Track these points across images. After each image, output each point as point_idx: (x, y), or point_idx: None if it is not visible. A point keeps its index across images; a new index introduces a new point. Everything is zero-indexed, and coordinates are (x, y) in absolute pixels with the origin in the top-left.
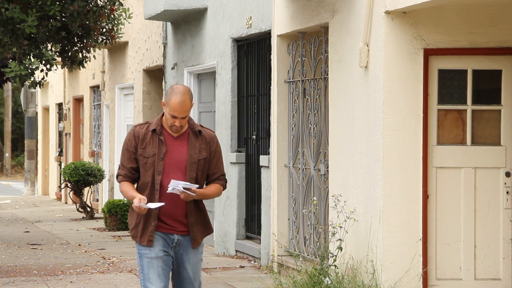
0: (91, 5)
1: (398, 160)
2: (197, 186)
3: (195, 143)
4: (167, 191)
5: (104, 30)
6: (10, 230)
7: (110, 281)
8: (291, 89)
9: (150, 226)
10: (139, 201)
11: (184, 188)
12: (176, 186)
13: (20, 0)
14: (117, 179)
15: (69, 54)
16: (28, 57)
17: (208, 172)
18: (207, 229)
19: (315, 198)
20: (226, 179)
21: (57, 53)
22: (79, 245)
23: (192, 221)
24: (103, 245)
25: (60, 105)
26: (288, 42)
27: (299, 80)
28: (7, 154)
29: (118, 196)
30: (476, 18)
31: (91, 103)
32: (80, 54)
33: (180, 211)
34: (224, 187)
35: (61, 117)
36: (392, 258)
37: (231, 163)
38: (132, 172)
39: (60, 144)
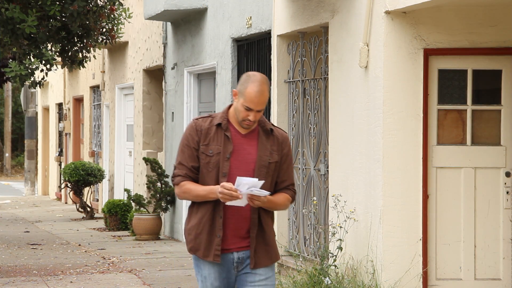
0: (91, 5)
1: (398, 160)
2: (269, 193)
3: (266, 143)
4: (228, 203)
5: (104, 30)
6: (10, 230)
7: (110, 281)
8: (291, 89)
9: (216, 238)
10: (229, 188)
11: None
12: (242, 185)
13: (20, 0)
14: (173, 181)
15: (69, 54)
16: (28, 57)
17: (277, 179)
18: (272, 253)
19: (315, 198)
20: (295, 189)
21: (57, 53)
22: (79, 245)
23: (253, 235)
24: (103, 245)
25: (60, 105)
26: (288, 42)
27: (299, 80)
28: (7, 154)
29: (118, 196)
30: (476, 18)
31: (91, 103)
32: (80, 54)
33: (243, 223)
34: (293, 200)
35: (61, 117)
36: (392, 258)
37: None
38: (194, 172)
39: (60, 144)
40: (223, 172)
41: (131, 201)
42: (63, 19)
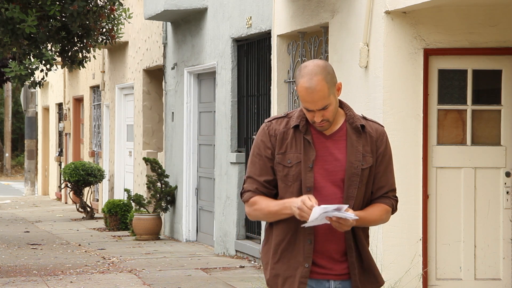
0: (91, 5)
1: (398, 160)
2: (347, 206)
3: (357, 144)
4: (304, 225)
5: (104, 30)
6: (10, 230)
7: (110, 281)
8: (291, 89)
9: (302, 269)
10: (309, 200)
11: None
12: (321, 214)
13: (20, 0)
14: (241, 197)
15: (69, 54)
16: (28, 57)
17: (373, 186)
18: (375, 277)
19: None
20: (396, 197)
21: (57, 53)
22: (79, 245)
23: (353, 260)
24: (103, 245)
25: (60, 105)
26: (288, 42)
27: None
28: (7, 154)
29: (118, 196)
30: (476, 18)
31: (91, 103)
32: (80, 54)
33: (337, 246)
34: (394, 210)
35: (61, 117)
36: (392, 258)
37: (231, 163)
38: (266, 187)
39: (60, 144)
40: (307, 187)
41: (131, 201)
42: (63, 19)
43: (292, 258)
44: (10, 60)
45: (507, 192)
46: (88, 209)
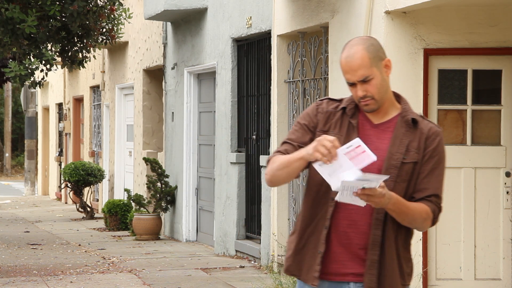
0: (91, 5)
1: None
2: (387, 177)
3: (403, 137)
4: (335, 198)
5: (104, 30)
6: (10, 230)
7: (110, 281)
8: (291, 89)
9: (317, 256)
10: (330, 143)
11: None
12: (348, 187)
13: (20, 0)
14: (269, 161)
15: (69, 54)
16: (28, 57)
17: (414, 187)
18: (402, 279)
19: None
20: (440, 205)
21: (57, 53)
22: (79, 245)
23: (374, 258)
24: (103, 245)
25: (60, 105)
26: (288, 42)
27: (299, 80)
28: (7, 154)
29: (118, 196)
30: (476, 18)
31: (91, 103)
32: (80, 54)
33: (360, 239)
34: (435, 217)
35: (61, 117)
36: None
37: (231, 163)
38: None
39: (60, 144)
40: None
41: (131, 201)
42: (63, 19)
43: (312, 247)
44: (10, 60)
45: (507, 192)
46: (88, 209)
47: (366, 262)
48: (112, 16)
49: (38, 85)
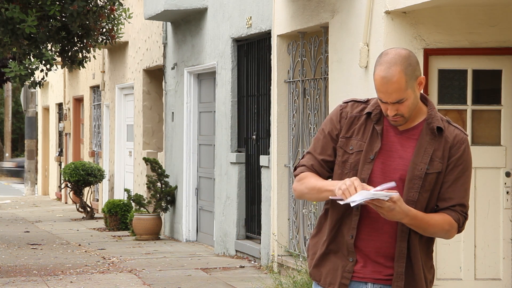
0: (91, 5)
1: None
2: (396, 193)
3: (428, 146)
4: (353, 205)
5: (104, 30)
6: (10, 230)
7: (110, 281)
8: (291, 89)
9: (347, 263)
10: (351, 183)
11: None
12: (365, 197)
13: (20, 0)
14: (295, 170)
15: (69, 54)
16: (28, 57)
17: (438, 196)
18: None
19: None
20: (466, 214)
21: (57, 53)
22: (79, 245)
23: (400, 270)
24: (103, 245)
25: (60, 105)
26: (288, 42)
27: (299, 80)
28: (7, 154)
29: (118, 196)
30: (476, 18)
31: (91, 103)
32: (80, 54)
33: (384, 244)
34: (460, 227)
35: (61, 117)
36: None
37: (231, 163)
38: (322, 166)
39: (60, 144)
40: (362, 178)
41: (131, 201)
42: (63, 19)
43: (338, 251)
44: (10, 60)
45: (507, 192)
46: (88, 209)
47: (394, 275)
48: (112, 16)
49: (38, 85)
